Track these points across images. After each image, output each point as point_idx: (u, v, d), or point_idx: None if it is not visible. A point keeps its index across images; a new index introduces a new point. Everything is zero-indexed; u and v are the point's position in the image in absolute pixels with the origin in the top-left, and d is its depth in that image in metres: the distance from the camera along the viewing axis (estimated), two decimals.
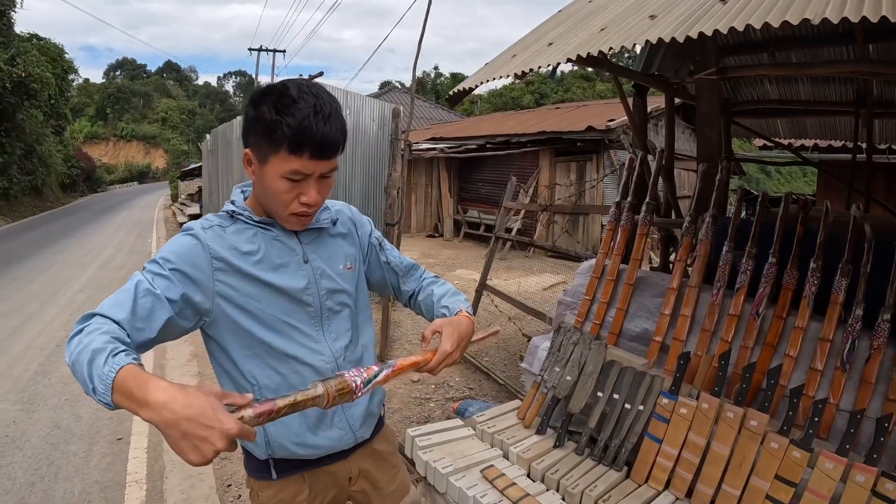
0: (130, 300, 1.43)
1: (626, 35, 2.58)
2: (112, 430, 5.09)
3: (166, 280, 1.51)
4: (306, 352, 1.73)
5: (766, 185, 41.14)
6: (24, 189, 31.80)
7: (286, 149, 1.51)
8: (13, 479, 4.31)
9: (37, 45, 31.45)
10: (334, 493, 1.94)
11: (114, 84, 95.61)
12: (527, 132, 16.62)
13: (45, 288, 11.29)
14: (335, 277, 1.81)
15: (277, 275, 1.68)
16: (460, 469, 2.82)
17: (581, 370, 3.16)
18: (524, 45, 3.63)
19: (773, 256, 3.09)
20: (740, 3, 2.32)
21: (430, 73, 79.50)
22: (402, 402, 5.46)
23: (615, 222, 3.88)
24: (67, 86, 37.75)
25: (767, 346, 2.94)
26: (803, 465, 2.30)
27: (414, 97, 8.43)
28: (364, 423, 1.89)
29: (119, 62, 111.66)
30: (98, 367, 1.22)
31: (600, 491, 2.62)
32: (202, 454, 1.13)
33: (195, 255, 1.58)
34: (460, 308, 1.89)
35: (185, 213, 24.94)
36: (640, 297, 3.62)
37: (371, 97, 11.58)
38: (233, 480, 4.26)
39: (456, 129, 23.49)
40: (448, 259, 14.80)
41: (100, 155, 76.01)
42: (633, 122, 5.01)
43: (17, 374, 6.48)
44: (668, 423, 2.72)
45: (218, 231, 1.65)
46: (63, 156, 44.20)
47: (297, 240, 1.75)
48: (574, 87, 67.06)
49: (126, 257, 15.57)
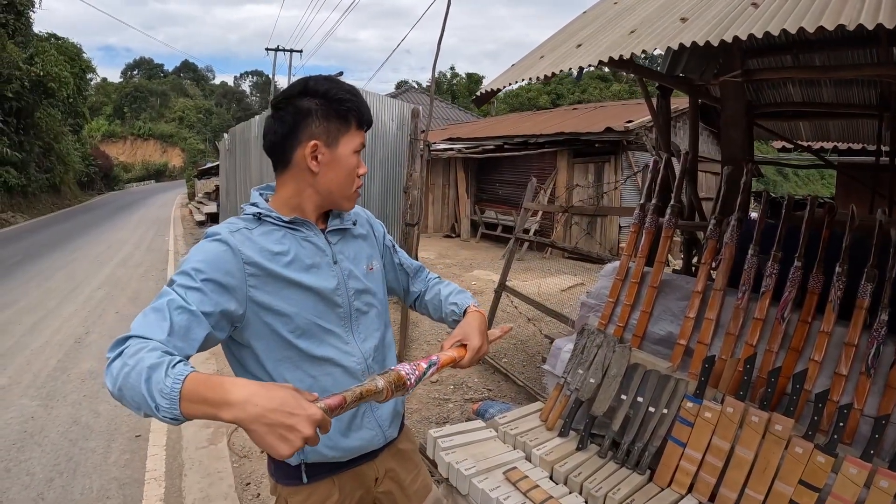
0: (166, 319, 1.37)
1: (657, 38, 2.57)
2: (131, 427, 5.11)
3: (199, 293, 1.46)
4: (338, 353, 1.73)
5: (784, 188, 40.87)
6: (42, 186, 32.06)
7: (355, 125, 1.69)
8: (31, 474, 4.33)
9: (55, 45, 31.75)
10: (361, 493, 1.93)
11: (131, 83, 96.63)
12: (545, 133, 16.55)
13: (63, 284, 11.37)
14: (361, 278, 1.82)
15: (310, 276, 1.68)
16: (483, 471, 2.83)
17: (605, 373, 3.16)
18: (552, 47, 3.62)
19: (798, 260, 3.07)
20: (773, 7, 2.31)
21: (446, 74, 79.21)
22: (421, 402, 5.46)
23: (639, 224, 3.87)
24: (85, 85, 38.05)
25: (792, 350, 2.93)
26: (827, 470, 2.29)
27: (433, 97, 8.40)
28: (392, 422, 1.91)
29: (136, 62, 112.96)
30: (158, 382, 1.18)
31: (623, 494, 2.62)
32: (291, 444, 1.13)
33: (226, 261, 1.54)
34: (468, 304, 1.93)
35: (202, 211, 25.10)
36: (665, 300, 3.60)
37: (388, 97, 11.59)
38: (251, 479, 4.26)
39: (473, 129, 23.48)
40: (465, 260, 14.78)
41: (117, 153, 76.63)
42: (658, 123, 4.99)
43: (37, 370, 6.53)
44: (692, 427, 2.71)
45: (246, 234, 1.62)
46: (81, 154, 44.60)
47: (325, 240, 1.76)
48: (591, 88, 66.85)
49: (144, 255, 15.68)
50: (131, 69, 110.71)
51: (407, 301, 2.16)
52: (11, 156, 25.77)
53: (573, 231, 15.72)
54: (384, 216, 9.08)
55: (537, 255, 15.74)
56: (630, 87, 59.79)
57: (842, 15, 2.01)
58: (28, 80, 25.75)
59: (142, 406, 1.20)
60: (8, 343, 7.55)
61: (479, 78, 78.18)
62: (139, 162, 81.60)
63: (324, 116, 1.63)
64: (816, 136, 7.67)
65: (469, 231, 19.89)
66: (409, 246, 6.52)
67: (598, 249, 13.91)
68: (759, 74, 4.53)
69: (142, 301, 9.93)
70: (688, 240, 5.23)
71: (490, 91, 3.89)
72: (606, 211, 13.66)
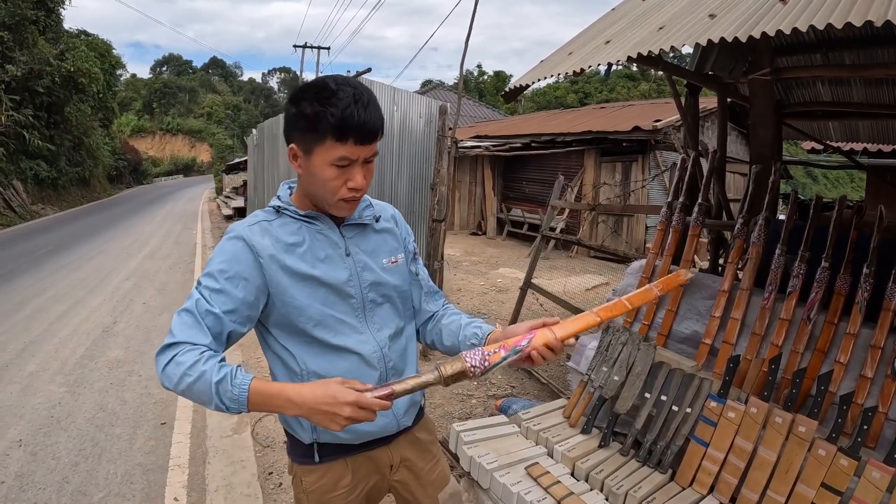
0: (199, 323, 1.57)
1: (686, 34, 2.56)
2: (156, 415, 5.16)
3: (222, 295, 1.61)
4: (353, 342, 1.77)
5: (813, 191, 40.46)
6: (72, 179, 32.54)
7: (332, 137, 1.57)
8: (57, 458, 4.40)
9: (85, 41, 32.20)
10: (376, 479, 1.97)
11: (160, 79, 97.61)
12: (572, 131, 16.47)
13: (92, 275, 11.51)
14: (377, 270, 1.84)
15: (321, 267, 1.73)
16: (504, 465, 2.84)
17: (629, 371, 3.15)
18: (580, 43, 3.62)
19: (825, 261, 3.05)
20: (801, 4, 2.29)
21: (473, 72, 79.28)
22: (444, 397, 5.47)
23: (666, 223, 3.86)
24: (115, 80, 38.68)
25: (818, 351, 2.91)
26: (850, 473, 2.28)
27: (461, 94, 8.40)
28: (407, 410, 1.93)
29: (166, 58, 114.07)
30: (226, 392, 1.46)
31: (644, 492, 2.62)
32: (338, 423, 1.44)
33: (243, 257, 1.66)
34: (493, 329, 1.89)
35: (230, 205, 25.24)
36: (691, 299, 3.59)
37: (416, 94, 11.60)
38: (274, 469, 4.30)
39: (500, 127, 23.41)
40: (491, 257, 14.76)
41: (146, 148, 77.46)
42: (686, 121, 4.96)
43: (64, 357, 6.63)
44: (715, 427, 2.70)
45: (264, 226, 1.72)
46: (110, 148, 45.19)
47: (339, 233, 1.80)
48: (618, 87, 66.62)
49: (172, 247, 15.81)
50: (160, 65, 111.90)
51: (417, 319, 2.09)
52: (42, 149, 26.07)
53: (599, 230, 15.64)
54: (411, 212, 9.12)
55: (563, 253, 15.68)
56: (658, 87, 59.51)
57: (870, 11, 1.99)
58: (59, 76, 26.08)
59: (210, 404, 1.49)
60: (37, 330, 7.67)
61: (507, 76, 78.20)
62: (168, 157, 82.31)
63: (302, 124, 1.62)
64: (846, 136, 7.58)
65: (495, 229, 19.84)
66: (435, 242, 6.53)
67: (626, 248, 13.85)
68: (788, 73, 4.50)
69: (168, 292, 10.09)
70: (714, 239, 5.20)
71: (519, 87, 3.89)
72: (634, 209, 13.56)
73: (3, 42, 22.48)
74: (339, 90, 1.58)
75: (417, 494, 2.04)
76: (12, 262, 12.85)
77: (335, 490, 1.89)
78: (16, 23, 22.80)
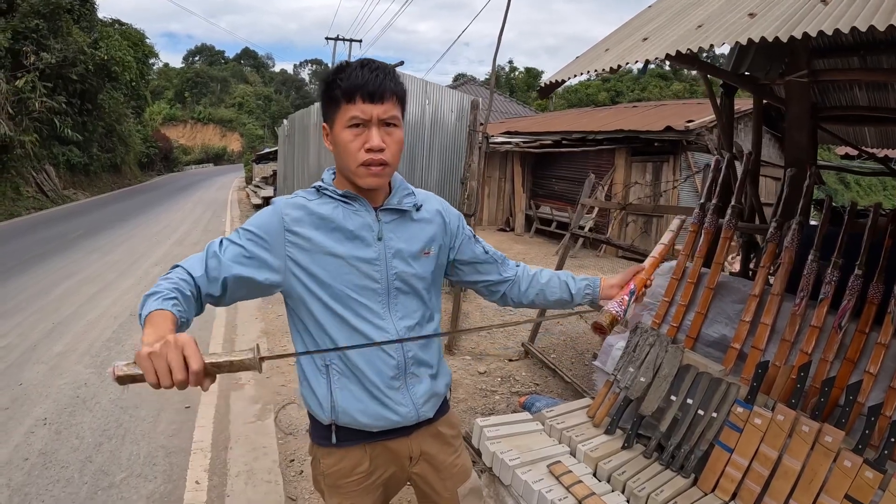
0: (202, 260, 1.68)
1: (725, 33, 2.53)
2: (181, 398, 5.20)
3: (238, 248, 1.71)
4: (370, 327, 1.80)
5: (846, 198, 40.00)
6: (104, 165, 33.16)
7: (344, 100, 1.69)
8: (81, 437, 4.48)
9: (119, 31, 32.60)
10: (394, 470, 2.00)
11: (192, 69, 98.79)
12: (603, 130, 16.39)
13: (122, 259, 11.70)
14: (409, 259, 1.86)
15: (348, 245, 1.78)
16: (527, 462, 2.84)
17: (656, 372, 3.13)
18: (617, 40, 3.59)
19: (858, 269, 3.01)
20: (842, 5, 2.26)
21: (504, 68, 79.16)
22: (468, 392, 5.48)
23: (698, 224, 3.83)
24: (148, 69, 39.12)
25: (848, 360, 2.87)
26: (875, 486, 2.24)
27: (493, 90, 8.39)
28: (427, 401, 1.94)
29: (198, 48, 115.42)
30: (147, 306, 1.46)
31: (666, 496, 2.61)
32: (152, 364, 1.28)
33: (271, 221, 1.76)
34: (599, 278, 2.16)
35: (259, 195, 25.39)
36: (721, 303, 3.56)
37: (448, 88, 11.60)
38: (296, 456, 4.33)
39: (531, 123, 23.35)
40: (519, 254, 14.72)
41: (177, 136, 78.20)
42: (721, 122, 4.91)
43: (92, 339, 6.74)
44: (740, 433, 2.68)
45: (301, 202, 1.80)
46: (142, 136, 45.86)
47: (375, 216, 1.82)
48: (651, 86, 66.26)
49: (201, 234, 15.96)
50: (193, 55, 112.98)
51: (497, 289, 2.15)
52: (74, 136, 26.49)
53: (628, 230, 15.56)
54: None
55: (591, 252, 15.65)
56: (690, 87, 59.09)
57: None
58: (92, 64, 26.45)
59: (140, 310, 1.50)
60: (66, 312, 7.81)
61: (538, 72, 77.97)
62: (198, 145, 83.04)
63: (324, 102, 1.77)
64: (882, 142, 7.46)
65: (523, 225, 19.77)
66: None
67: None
68: (825, 75, 4.44)
69: None
70: (746, 243, 5.16)
71: (554, 83, 3.87)
72: (664, 210, 13.44)
73: (38, 30, 22.84)
74: (352, 64, 1.73)
75: (437, 487, 2.06)
76: (44, 244, 13.14)
77: (351, 475, 1.92)
78: (50, 11, 23.15)
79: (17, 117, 21.11)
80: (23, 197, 20.76)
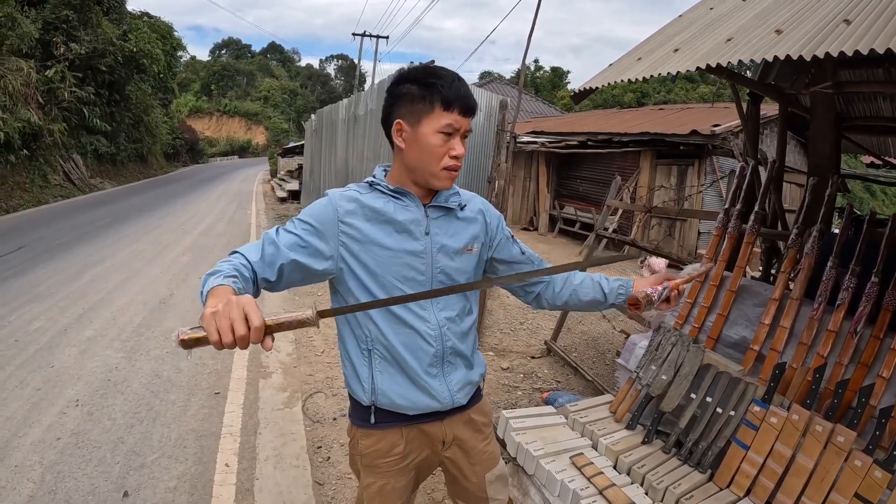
0: (259, 248, 1.76)
1: (754, 48, 2.60)
2: (211, 384, 5.33)
3: (293, 237, 1.80)
4: (413, 316, 1.91)
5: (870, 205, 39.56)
6: (131, 156, 33.30)
7: (440, 106, 1.79)
8: (113, 419, 4.57)
9: (147, 23, 32.62)
10: (427, 453, 2.10)
11: (219, 62, 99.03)
12: (629, 132, 16.33)
13: (149, 248, 11.81)
14: (453, 254, 1.96)
15: (397, 238, 1.88)
16: (550, 453, 2.94)
17: (677, 371, 3.23)
18: (649, 49, 3.65)
19: (875, 276, 3.08)
20: (864, 25, 2.34)
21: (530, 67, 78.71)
22: (491, 387, 5.57)
23: (722, 228, 3.90)
24: (175, 62, 39.33)
25: (862, 364, 2.94)
26: (883, 486, 2.32)
27: (521, 90, 8.44)
28: (461, 389, 2.04)
29: (225, 41, 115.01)
30: (209, 284, 1.52)
31: (684, 490, 2.70)
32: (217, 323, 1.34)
33: (326, 212, 1.85)
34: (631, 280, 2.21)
35: (284, 188, 25.43)
36: (742, 305, 3.63)
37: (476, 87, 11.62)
38: (323, 443, 4.43)
39: (557, 124, 23.23)
40: (542, 253, 14.45)
41: (203, 128, 78.12)
42: (747, 129, 4.98)
43: (122, 325, 6.85)
44: (756, 431, 2.76)
45: (354, 195, 1.89)
46: (168, 127, 45.81)
47: (423, 212, 1.93)
48: (677, 89, 65.65)
49: (226, 226, 16.07)
50: (220, 48, 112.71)
51: (532, 291, 2.23)
52: (102, 126, 26.69)
53: (652, 232, 15.53)
54: None
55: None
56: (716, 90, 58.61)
57: None
58: (121, 56, 26.58)
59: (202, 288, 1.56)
60: (96, 298, 7.94)
61: (564, 72, 77.50)
62: (224, 137, 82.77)
63: (409, 100, 1.83)
64: None
65: (547, 225, 19.72)
66: None
67: (681, 252, 13.73)
68: (849, 87, 4.48)
69: None
70: (768, 248, 5.22)
71: (587, 89, 3.95)
72: (689, 214, 13.37)
73: (69, 21, 22.95)
74: (443, 70, 1.85)
75: (466, 472, 2.16)
76: (72, 231, 13.28)
77: (388, 456, 2.02)
78: (81, 2, 23.27)
79: (47, 106, 21.18)
80: (50, 185, 20.85)
